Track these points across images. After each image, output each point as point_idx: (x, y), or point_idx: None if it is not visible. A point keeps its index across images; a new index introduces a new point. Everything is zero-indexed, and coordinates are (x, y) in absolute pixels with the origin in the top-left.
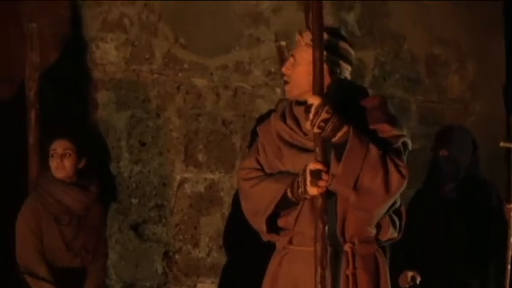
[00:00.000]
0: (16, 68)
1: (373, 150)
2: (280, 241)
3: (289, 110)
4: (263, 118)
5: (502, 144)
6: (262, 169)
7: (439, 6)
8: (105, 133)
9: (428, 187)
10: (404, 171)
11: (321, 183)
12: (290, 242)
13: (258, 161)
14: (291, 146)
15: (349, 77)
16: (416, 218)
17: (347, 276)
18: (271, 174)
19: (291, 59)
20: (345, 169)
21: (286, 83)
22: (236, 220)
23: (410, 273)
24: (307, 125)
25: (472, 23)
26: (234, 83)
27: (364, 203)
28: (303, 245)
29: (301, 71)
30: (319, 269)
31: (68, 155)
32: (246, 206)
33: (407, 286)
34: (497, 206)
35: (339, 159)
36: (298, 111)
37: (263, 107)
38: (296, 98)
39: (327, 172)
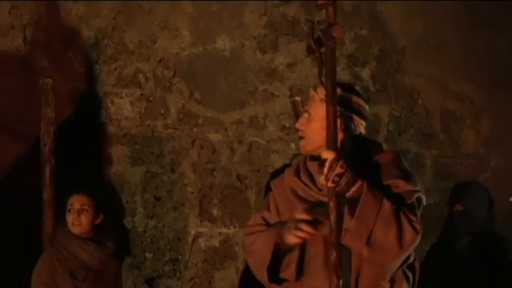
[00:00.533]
0: (31, 124)
1: (387, 205)
2: None
3: (304, 165)
4: (278, 173)
5: (511, 199)
6: (266, 225)
7: (453, 62)
8: (120, 188)
9: (443, 242)
10: (417, 227)
11: (299, 233)
12: None
13: (263, 218)
14: (306, 201)
15: (364, 132)
16: (431, 273)
17: None
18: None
19: (306, 115)
20: (358, 224)
21: (301, 138)
22: (250, 274)
23: None
24: (321, 180)
25: (487, 79)
26: (248, 137)
27: (377, 258)
28: None
29: (315, 126)
30: None
31: (85, 210)
32: (249, 261)
33: None
34: None
35: (352, 213)
36: (313, 166)
37: (278, 161)
38: (310, 153)
39: (311, 223)
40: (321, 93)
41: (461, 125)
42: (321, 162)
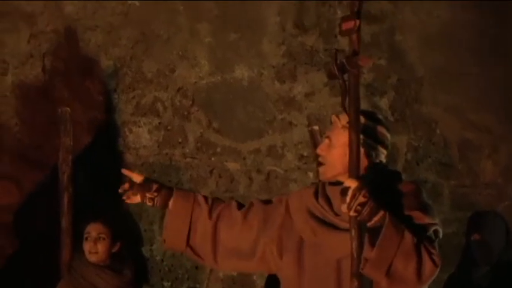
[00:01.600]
0: (49, 152)
1: (408, 237)
2: None
3: (322, 189)
4: None
5: None
6: (238, 207)
7: (471, 92)
8: (138, 216)
9: (460, 272)
10: (437, 260)
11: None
12: None
13: (252, 203)
14: (323, 222)
15: (384, 161)
16: None
17: None
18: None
19: (326, 141)
20: (379, 254)
21: (320, 164)
22: None
23: None
24: (343, 208)
25: (505, 108)
26: (266, 167)
27: None
28: None
29: (336, 153)
30: None
31: (101, 238)
32: None
33: None
34: None
35: (372, 243)
36: (331, 191)
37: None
38: (330, 179)
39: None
40: (343, 119)
41: (479, 155)
42: (344, 190)
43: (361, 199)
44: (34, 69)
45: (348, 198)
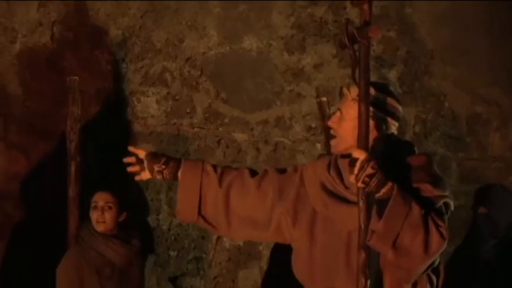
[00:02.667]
0: (57, 121)
1: (416, 210)
2: None
3: (334, 162)
4: None
5: None
6: (251, 174)
7: (481, 67)
8: (145, 186)
9: (467, 245)
10: (444, 233)
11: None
12: None
13: (266, 171)
14: (334, 195)
15: (395, 132)
16: (455, 276)
17: None
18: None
19: (338, 113)
20: (385, 226)
21: (332, 137)
22: (274, 274)
23: None
24: (351, 179)
25: None
26: (274, 138)
27: (402, 262)
28: None
29: (347, 126)
30: None
31: (108, 208)
32: None
33: None
34: None
35: (380, 215)
36: (342, 164)
37: (303, 162)
38: (342, 152)
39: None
40: (354, 92)
41: (487, 128)
42: (352, 161)
43: (369, 170)
44: (43, 37)
45: (355, 170)
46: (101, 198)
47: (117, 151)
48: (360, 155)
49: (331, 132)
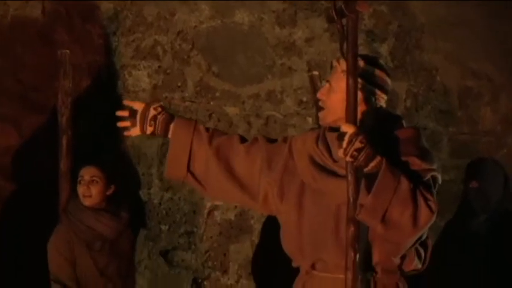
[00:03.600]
0: (49, 95)
1: (404, 184)
2: (302, 265)
3: (322, 135)
4: None
5: None
6: (241, 140)
7: (472, 41)
8: (136, 160)
9: (458, 219)
10: (433, 206)
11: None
12: (313, 268)
13: (256, 139)
14: (323, 168)
15: (384, 105)
16: (445, 250)
17: None
18: None
19: (327, 85)
20: (374, 200)
21: (321, 108)
22: (265, 248)
23: None
24: (339, 153)
25: (505, 57)
26: (265, 111)
27: (391, 236)
28: (325, 272)
29: (336, 98)
30: None
31: (95, 182)
32: None
33: None
34: None
35: (368, 189)
36: (330, 137)
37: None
38: (330, 124)
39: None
40: (343, 64)
41: (478, 103)
42: (340, 135)
43: (357, 145)
44: (34, 11)
45: (344, 144)
46: (86, 173)
47: (109, 125)
48: (348, 129)
49: (320, 104)
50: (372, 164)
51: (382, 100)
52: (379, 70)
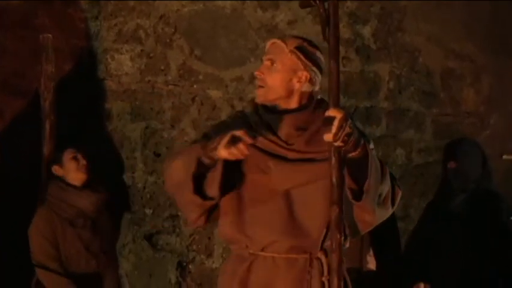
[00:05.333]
0: (31, 80)
1: (384, 167)
2: (247, 248)
3: (259, 119)
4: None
5: (504, 157)
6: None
7: (454, 22)
8: (120, 144)
9: (438, 199)
10: (400, 185)
11: (234, 150)
12: (262, 250)
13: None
14: (266, 154)
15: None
16: (427, 230)
17: (323, 282)
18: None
19: (267, 63)
20: (372, 185)
21: (259, 86)
22: None
23: (422, 285)
24: (326, 137)
25: (487, 38)
26: (249, 94)
27: (376, 217)
28: (278, 253)
29: (279, 77)
30: (335, 279)
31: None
32: (168, 177)
33: None
34: (508, 219)
35: (352, 173)
36: (272, 119)
37: None
38: (270, 102)
39: (245, 143)
40: (291, 44)
41: (461, 84)
42: (327, 119)
43: (348, 129)
44: None
45: (334, 128)
46: (75, 151)
47: (91, 109)
48: (337, 114)
49: (256, 82)
50: (359, 149)
51: (318, 82)
52: (319, 51)
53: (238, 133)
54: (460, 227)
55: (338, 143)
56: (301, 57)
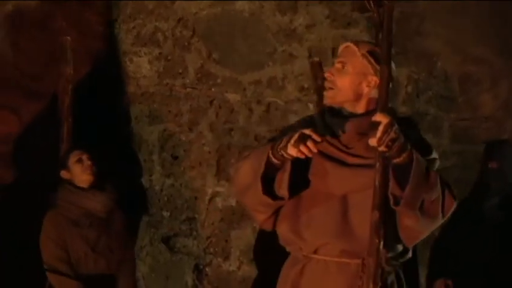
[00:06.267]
0: (49, 82)
1: (432, 173)
2: (301, 250)
3: (322, 121)
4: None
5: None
6: None
7: (472, 26)
8: (138, 146)
9: (473, 200)
10: (455, 194)
11: (303, 147)
12: (315, 252)
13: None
14: (328, 158)
15: None
16: (458, 232)
17: None
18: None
19: (338, 65)
20: (412, 191)
21: (329, 88)
22: (267, 234)
23: (444, 281)
24: (371, 142)
25: (506, 43)
26: (266, 98)
27: (422, 225)
28: (330, 256)
29: (349, 80)
30: (371, 284)
31: (91, 160)
32: (237, 178)
33: None
34: None
35: (397, 179)
36: (335, 122)
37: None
38: (339, 105)
39: (315, 141)
40: (363, 48)
41: (479, 88)
42: (373, 124)
43: (392, 135)
44: None
45: (379, 133)
46: (81, 153)
47: (110, 112)
48: (383, 119)
49: (326, 84)
50: (404, 155)
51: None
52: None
53: (307, 131)
54: (491, 230)
55: (382, 148)
56: (373, 61)
